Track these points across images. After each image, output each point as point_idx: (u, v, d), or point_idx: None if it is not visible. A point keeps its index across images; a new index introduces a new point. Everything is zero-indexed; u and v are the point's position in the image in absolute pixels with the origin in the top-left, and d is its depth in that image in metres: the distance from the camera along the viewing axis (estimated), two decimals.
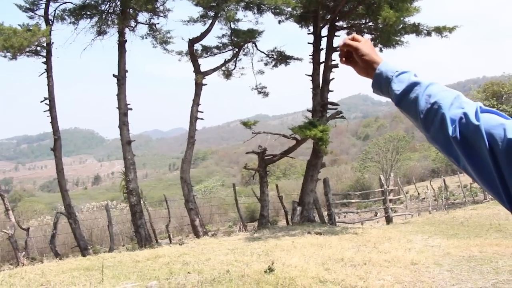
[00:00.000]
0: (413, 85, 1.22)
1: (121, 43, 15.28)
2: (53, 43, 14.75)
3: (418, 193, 31.00)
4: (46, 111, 14.65)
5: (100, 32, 15.94)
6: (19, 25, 13.83)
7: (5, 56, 13.73)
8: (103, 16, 15.75)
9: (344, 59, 1.43)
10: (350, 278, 6.54)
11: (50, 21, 14.96)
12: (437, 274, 6.92)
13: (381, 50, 16.08)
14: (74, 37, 15.70)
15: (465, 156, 1.06)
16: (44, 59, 14.65)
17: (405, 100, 1.23)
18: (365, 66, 1.36)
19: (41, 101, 14.62)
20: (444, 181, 26.80)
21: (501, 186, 1.00)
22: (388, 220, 17.76)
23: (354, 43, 1.37)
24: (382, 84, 1.31)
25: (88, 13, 15.54)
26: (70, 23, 15.56)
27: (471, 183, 30.46)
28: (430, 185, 27.54)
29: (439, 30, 14.93)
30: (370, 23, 15.51)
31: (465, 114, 1.08)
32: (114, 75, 15.16)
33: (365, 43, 1.37)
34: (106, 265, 8.69)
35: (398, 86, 1.25)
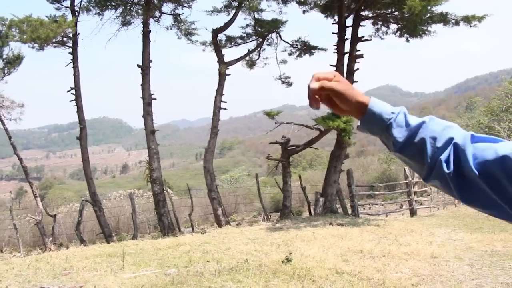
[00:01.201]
0: (415, 130, 1.12)
1: (145, 34, 15.39)
2: (79, 34, 14.99)
3: None
4: (72, 100, 14.91)
5: (125, 23, 16.10)
6: (46, 16, 14.09)
7: (33, 47, 14.02)
8: (128, 7, 15.91)
9: (325, 102, 1.23)
10: (368, 270, 6.52)
11: (76, 12, 15.17)
12: (456, 268, 6.83)
13: (407, 40, 15.85)
14: (100, 27, 15.86)
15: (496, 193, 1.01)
16: (70, 50, 14.89)
17: (409, 148, 1.13)
18: (349, 107, 1.19)
19: (68, 91, 14.89)
20: None
21: None
22: (412, 212, 17.57)
23: (328, 84, 1.16)
24: (374, 125, 1.18)
25: (113, 3, 15.71)
26: (95, 14, 15.77)
27: None
28: None
29: (467, 19, 14.56)
30: (396, 13, 15.26)
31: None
32: (138, 65, 15.31)
33: (338, 81, 1.18)
34: (128, 252, 8.86)
35: (399, 133, 1.13)
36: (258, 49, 17.31)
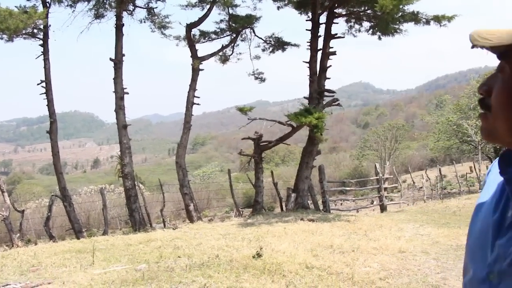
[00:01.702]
0: None
1: (119, 27, 15.20)
2: (50, 25, 14.70)
3: (413, 182, 31.10)
4: (43, 93, 14.65)
5: (98, 16, 15.85)
6: (16, 7, 13.74)
7: (1, 38, 13.69)
8: (101, 0, 15.68)
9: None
10: (337, 265, 6.62)
11: (47, 4, 14.86)
12: (423, 262, 6.99)
13: (379, 38, 16.05)
14: (72, 20, 15.61)
15: None
16: (41, 42, 14.61)
17: None
18: None
19: (38, 84, 14.62)
20: (440, 170, 26.87)
21: None
22: (382, 208, 17.84)
23: None
24: None
25: None
26: (67, 6, 15.46)
27: (467, 173, 30.60)
28: (425, 174, 27.60)
29: (438, 19, 14.81)
30: (369, 11, 15.41)
31: None
32: (111, 59, 15.12)
33: None
34: (98, 248, 8.77)
35: None
36: (232, 44, 17.29)
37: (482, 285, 0.98)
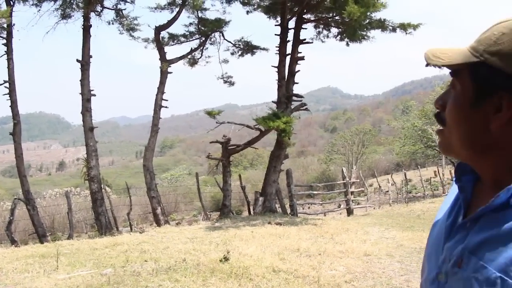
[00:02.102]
0: None
1: (86, 28, 14.98)
2: (14, 24, 14.37)
3: (380, 186, 31.59)
4: (6, 94, 14.32)
5: (64, 16, 15.59)
6: None
7: None
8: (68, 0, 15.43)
9: None
10: (303, 268, 6.68)
11: (11, 2, 14.55)
12: (388, 265, 7.12)
13: (347, 44, 16.29)
14: (37, 19, 15.30)
15: None
16: (4, 41, 14.29)
17: None
18: None
19: (0, 84, 14.28)
20: (405, 174, 27.38)
21: None
22: (349, 212, 18.06)
23: None
24: None
25: None
26: (32, 5, 15.13)
27: (431, 177, 31.28)
28: (391, 178, 28.09)
29: (403, 27, 15.15)
30: (337, 17, 15.62)
31: None
32: (77, 60, 14.89)
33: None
34: (63, 253, 8.62)
35: None
36: (201, 48, 17.26)
37: (432, 284, 1.06)
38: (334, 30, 16.69)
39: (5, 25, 14.01)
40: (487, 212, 0.95)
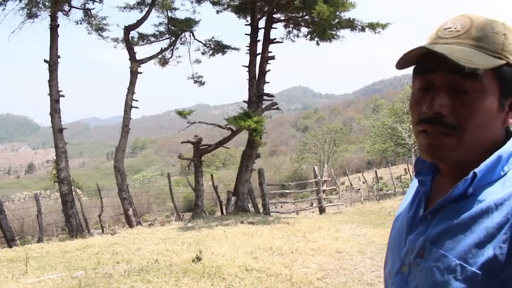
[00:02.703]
0: None
1: (53, 28, 14.71)
2: None
3: (351, 184, 31.92)
4: None
5: (31, 15, 15.27)
6: None
7: None
8: None
9: None
10: (276, 267, 6.71)
11: None
12: (359, 261, 7.21)
13: (318, 44, 16.41)
14: (2, 18, 14.95)
15: None
16: None
17: None
18: None
19: None
20: (376, 172, 27.72)
21: None
22: (321, 210, 18.19)
23: None
24: None
25: None
26: None
27: (402, 175, 31.76)
28: (363, 176, 28.41)
29: (372, 26, 15.37)
30: (307, 17, 15.73)
31: None
32: (45, 61, 14.61)
33: None
34: (32, 256, 8.46)
35: None
36: (171, 47, 17.15)
37: (396, 277, 1.09)
38: (304, 30, 16.84)
39: None
40: (446, 203, 0.98)
